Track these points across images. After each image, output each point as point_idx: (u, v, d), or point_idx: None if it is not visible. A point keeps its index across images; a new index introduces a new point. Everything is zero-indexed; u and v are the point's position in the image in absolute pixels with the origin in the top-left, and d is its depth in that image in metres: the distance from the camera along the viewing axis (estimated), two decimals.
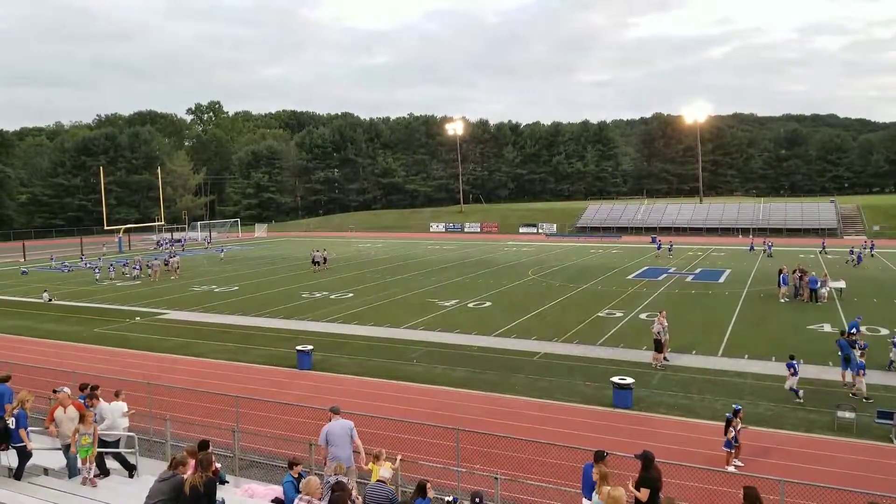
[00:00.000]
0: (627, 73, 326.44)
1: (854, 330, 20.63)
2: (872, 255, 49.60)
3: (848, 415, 15.38)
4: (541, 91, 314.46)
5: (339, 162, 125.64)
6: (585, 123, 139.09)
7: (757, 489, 8.59)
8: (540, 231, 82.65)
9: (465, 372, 20.76)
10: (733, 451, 13.63)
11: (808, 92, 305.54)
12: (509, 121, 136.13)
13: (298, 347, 21.95)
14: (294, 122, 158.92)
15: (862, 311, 28.59)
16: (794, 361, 17.40)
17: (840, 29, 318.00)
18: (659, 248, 56.13)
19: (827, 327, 25.88)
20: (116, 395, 13.24)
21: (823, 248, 54.79)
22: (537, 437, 14.16)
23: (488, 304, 32.70)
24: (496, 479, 11.10)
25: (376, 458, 10.70)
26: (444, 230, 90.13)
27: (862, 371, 17.52)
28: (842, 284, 33.87)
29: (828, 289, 32.46)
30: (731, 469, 13.36)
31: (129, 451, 12.08)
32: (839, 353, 18.91)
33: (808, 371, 20.06)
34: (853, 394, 17.51)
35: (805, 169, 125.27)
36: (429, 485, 9.27)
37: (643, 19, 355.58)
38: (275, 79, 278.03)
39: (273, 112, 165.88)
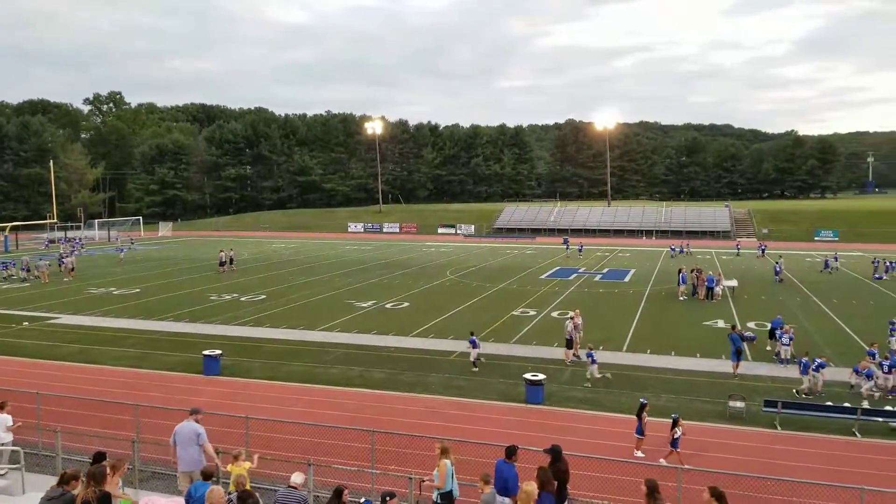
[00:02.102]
0: (544, 79, 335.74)
1: (776, 326, 22.42)
2: (762, 256, 53.15)
3: (738, 404, 16.52)
4: (463, 94, 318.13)
5: (252, 158, 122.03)
6: (503, 127, 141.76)
7: (656, 481, 9.06)
8: (458, 232, 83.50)
9: (383, 373, 20.75)
10: (642, 438, 14.38)
11: (708, 103, 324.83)
12: (429, 122, 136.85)
13: (205, 352, 21.19)
14: (203, 115, 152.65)
15: (752, 308, 30.74)
16: (474, 338, 21.10)
17: (738, 45, 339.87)
18: (568, 248, 58.10)
19: (720, 323, 27.60)
20: (1, 408, 12.38)
21: (738, 249, 57.60)
22: (454, 435, 14.35)
23: (406, 304, 32.77)
24: (410, 479, 11.20)
25: (235, 458, 10.62)
26: (362, 230, 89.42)
27: (813, 369, 18.35)
28: (734, 283, 36.28)
29: (722, 287, 34.62)
30: (638, 454, 14.08)
31: (14, 466, 11.28)
32: (731, 347, 20.35)
33: (703, 364, 21.41)
34: (797, 391, 18.41)
35: (703, 175, 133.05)
36: (346, 491, 9.21)
37: (560, 28, 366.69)
38: (186, 71, 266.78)
39: (180, 105, 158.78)
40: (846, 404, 16.58)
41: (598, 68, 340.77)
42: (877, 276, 40.82)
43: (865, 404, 16.66)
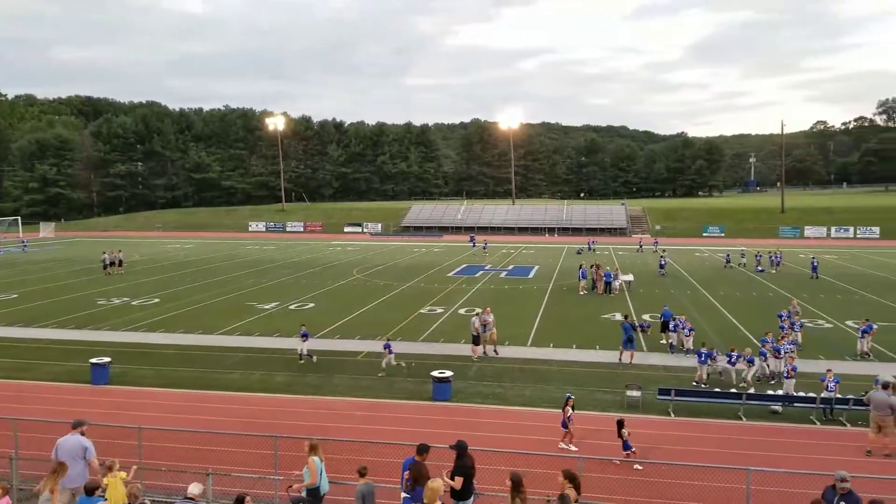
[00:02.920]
0: (450, 79, 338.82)
1: (667, 318, 23.53)
2: (655, 251, 55.99)
3: (635, 393, 17.26)
4: (369, 91, 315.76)
5: (144, 155, 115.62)
6: (409, 125, 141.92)
7: (520, 475, 9.26)
8: (365, 230, 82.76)
9: (286, 376, 20.15)
10: (567, 431, 14.66)
11: (606, 105, 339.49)
12: (334, 118, 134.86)
13: (93, 360, 19.80)
14: (90, 109, 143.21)
15: (647, 301, 32.30)
16: (389, 343, 21.13)
17: (635, 50, 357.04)
18: (474, 246, 58.89)
19: (618, 316, 28.74)
20: None
21: (655, 245, 60.05)
22: (362, 436, 14.15)
23: (311, 305, 32.04)
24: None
25: (109, 469, 10.08)
26: (264, 229, 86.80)
27: (731, 362, 19.27)
28: (630, 278, 38.03)
29: (619, 282, 36.18)
30: (562, 445, 14.36)
31: None
32: (623, 335, 21.41)
33: (603, 356, 22.23)
34: (696, 381, 19.18)
35: (601, 175, 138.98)
36: (248, 498, 8.83)
37: (467, 28, 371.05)
38: (71, 62, 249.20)
39: (64, 97, 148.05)
40: (732, 390, 17.70)
41: (503, 69, 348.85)
42: (759, 268, 43.92)
43: (752, 390, 17.79)
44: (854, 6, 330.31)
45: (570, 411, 14.57)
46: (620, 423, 13.87)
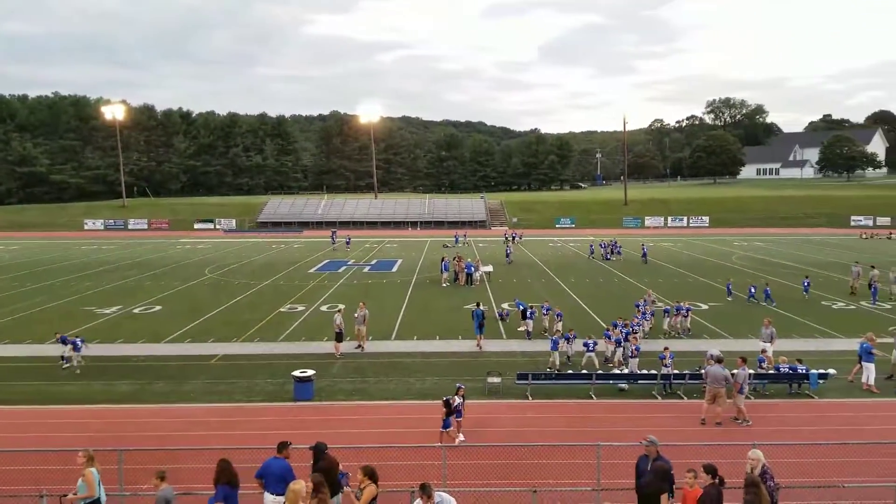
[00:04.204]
0: (307, 70, 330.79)
1: (523, 307, 24.44)
2: (514, 242, 58.25)
3: (495, 380, 17.82)
4: (218, 80, 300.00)
5: None
6: (263, 116, 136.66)
7: (373, 467, 9.23)
8: (217, 227, 78.63)
9: (131, 385, 18.63)
10: (460, 420, 14.66)
11: (464, 101, 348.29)
12: (180, 108, 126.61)
13: None
14: None
15: (505, 290, 33.51)
16: (66, 336, 20.67)
17: (490, 49, 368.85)
18: (334, 241, 57.57)
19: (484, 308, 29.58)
20: None
21: (519, 237, 61.53)
22: (218, 443, 13.39)
23: (158, 308, 29.89)
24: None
25: None
26: (102, 228, 79.77)
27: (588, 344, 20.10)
28: (489, 269, 39.28)
29: (480, 273, 37.25)
30: (461, 437, 14.40)
31: None
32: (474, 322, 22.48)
33: (465, 345, 22.75)
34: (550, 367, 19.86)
35: (461, 169, 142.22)
36: None
37: (323, 18, 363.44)
38: None
39: None
40: (584, 371, 18.82)
41: (362, 62, 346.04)
42: (608, 257, 47.05)
43: (625, 370, 18.86)
44: (683, 14, 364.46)
45: (458, 400, 14.69)
46: (447, 403, 14.16)
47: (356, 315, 22.57)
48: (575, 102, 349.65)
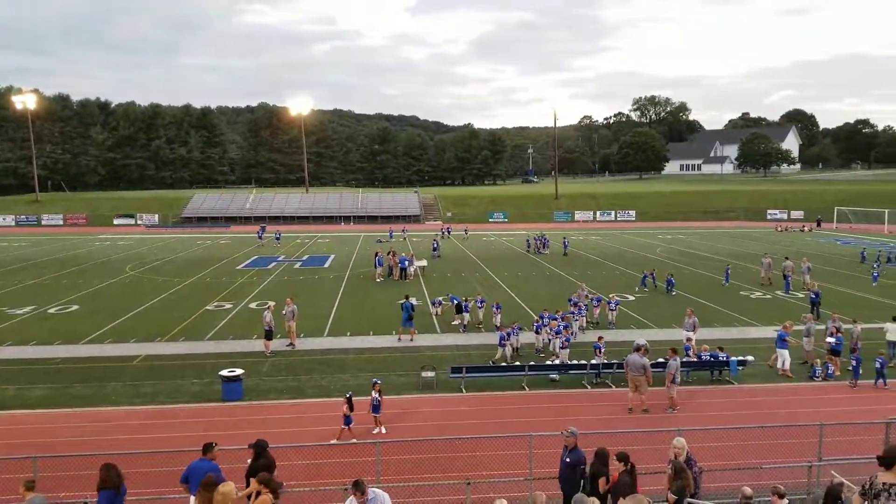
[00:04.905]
0: (234, 60, 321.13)
1: (457, 301, 24.58)
2: (445, 237, 58.52)
3: (429, 374, 17.81)
4: (139, 69, 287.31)
5: None
6: (188, 108, 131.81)
7: (271, 478, 8.93)
8: (139, 222, 75.39)
9: (46, 389, 17.59)
10: (378, 416, 14.65)
11: (398, 95, 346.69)
12: (98, 98, 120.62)
13: None
14: None
15: (438, 284, 33.56)
16: None
17: (423, 42, 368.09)
18: (261, 237, 55.94)
19: (413, 300, 29.48)
20: None
21: (448, 233, 61.39)
22: (141, 447, 12.83)
23: (75, 307, 28.36)
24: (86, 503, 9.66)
25: None
26: (13, 224, 75.12)
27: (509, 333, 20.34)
28: (424, 263, 39.25)
29: (414, 267, 37.17)
30: (382, 431, 14.37)
31: None
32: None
33: (397, 341, 22.63)
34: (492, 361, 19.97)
35: (394, 163, 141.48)
36: None
37: (252, 7, 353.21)
38: None
39: None
40: (517, 363, 19.06)
41: (292, 53, 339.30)
42: (540, 251, 47.85)
43: (557, 360, 19.14)
44: (611, 13, 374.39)
45: (376, 395, 14.58)
46: (350, 400, 14.14)
47: (284, 312, 22.11)
48: (508, 98, 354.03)
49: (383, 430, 14.53)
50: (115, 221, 75.59)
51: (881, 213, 64.33)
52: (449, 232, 60.33)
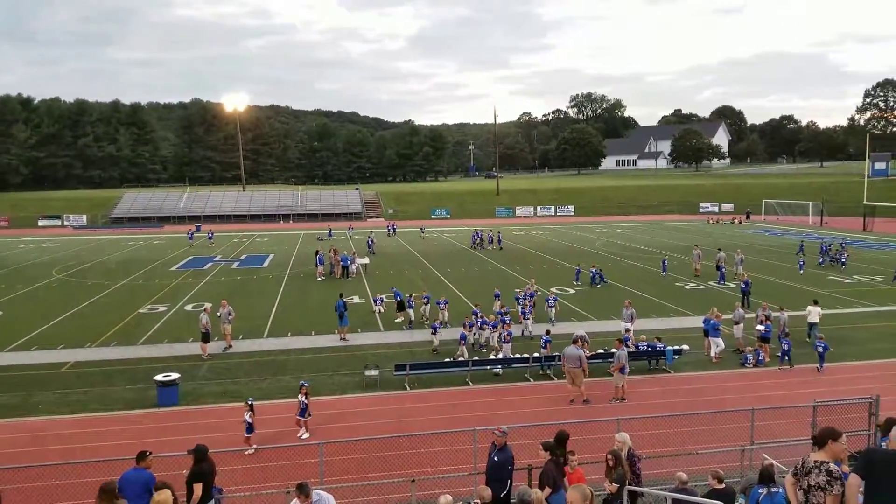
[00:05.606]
0: (164, 54, 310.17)
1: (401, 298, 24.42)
2: (392, 234, 58.19)
3: (373, 372, 17.67)
4: (62, 63, 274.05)
5: None
6: (117, 104, 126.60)
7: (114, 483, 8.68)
8: (66, 224, 71.97)
9: None
10: (305, 419, 14.35)
11: (337, 90, 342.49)
12: (19, 94, 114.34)
13: None
14: None
15: (381, 282, 33.34)
16: None
17: (361, 37, 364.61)
18: (191, 238, 54.30)
19: (356, 299, 29.27)
20: None
21: (392, 230, 60.60)
22: (72, 457, 12.23)
23: None
24: None
25: None
26: None
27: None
28: (366, 261, 38.95)
29: (356, 265, 36.81)
30: (305, 435, 14.00)
31: None
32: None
33: (339, 340, 22.37)
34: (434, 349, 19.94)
35: (335, 160, 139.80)
36: None
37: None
38: None
39: None
40: (461, 358, 19.10)
41: (226, 47, 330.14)
42: (482, 246, 48.10)
43: (501, 355, 19.22)
44: (551, 11, 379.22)
45: (302, 398, 14.31)
46: (251, 405, 13.73)
47: (219, 314, 21.54)
48: (448, 94, 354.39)
49: (306, 435, 14.18)
50: (40, 223, 71.98)
51: (805, 206, 67.61)
52: (395, 229, 59.91)
